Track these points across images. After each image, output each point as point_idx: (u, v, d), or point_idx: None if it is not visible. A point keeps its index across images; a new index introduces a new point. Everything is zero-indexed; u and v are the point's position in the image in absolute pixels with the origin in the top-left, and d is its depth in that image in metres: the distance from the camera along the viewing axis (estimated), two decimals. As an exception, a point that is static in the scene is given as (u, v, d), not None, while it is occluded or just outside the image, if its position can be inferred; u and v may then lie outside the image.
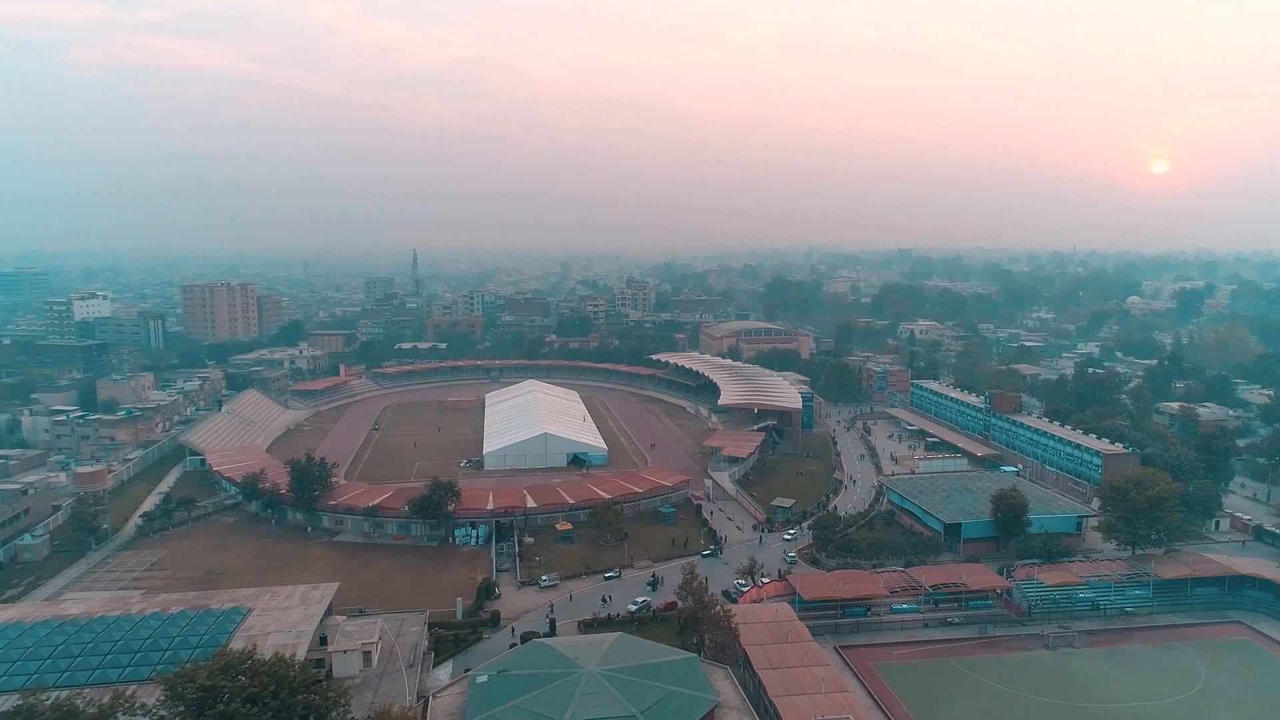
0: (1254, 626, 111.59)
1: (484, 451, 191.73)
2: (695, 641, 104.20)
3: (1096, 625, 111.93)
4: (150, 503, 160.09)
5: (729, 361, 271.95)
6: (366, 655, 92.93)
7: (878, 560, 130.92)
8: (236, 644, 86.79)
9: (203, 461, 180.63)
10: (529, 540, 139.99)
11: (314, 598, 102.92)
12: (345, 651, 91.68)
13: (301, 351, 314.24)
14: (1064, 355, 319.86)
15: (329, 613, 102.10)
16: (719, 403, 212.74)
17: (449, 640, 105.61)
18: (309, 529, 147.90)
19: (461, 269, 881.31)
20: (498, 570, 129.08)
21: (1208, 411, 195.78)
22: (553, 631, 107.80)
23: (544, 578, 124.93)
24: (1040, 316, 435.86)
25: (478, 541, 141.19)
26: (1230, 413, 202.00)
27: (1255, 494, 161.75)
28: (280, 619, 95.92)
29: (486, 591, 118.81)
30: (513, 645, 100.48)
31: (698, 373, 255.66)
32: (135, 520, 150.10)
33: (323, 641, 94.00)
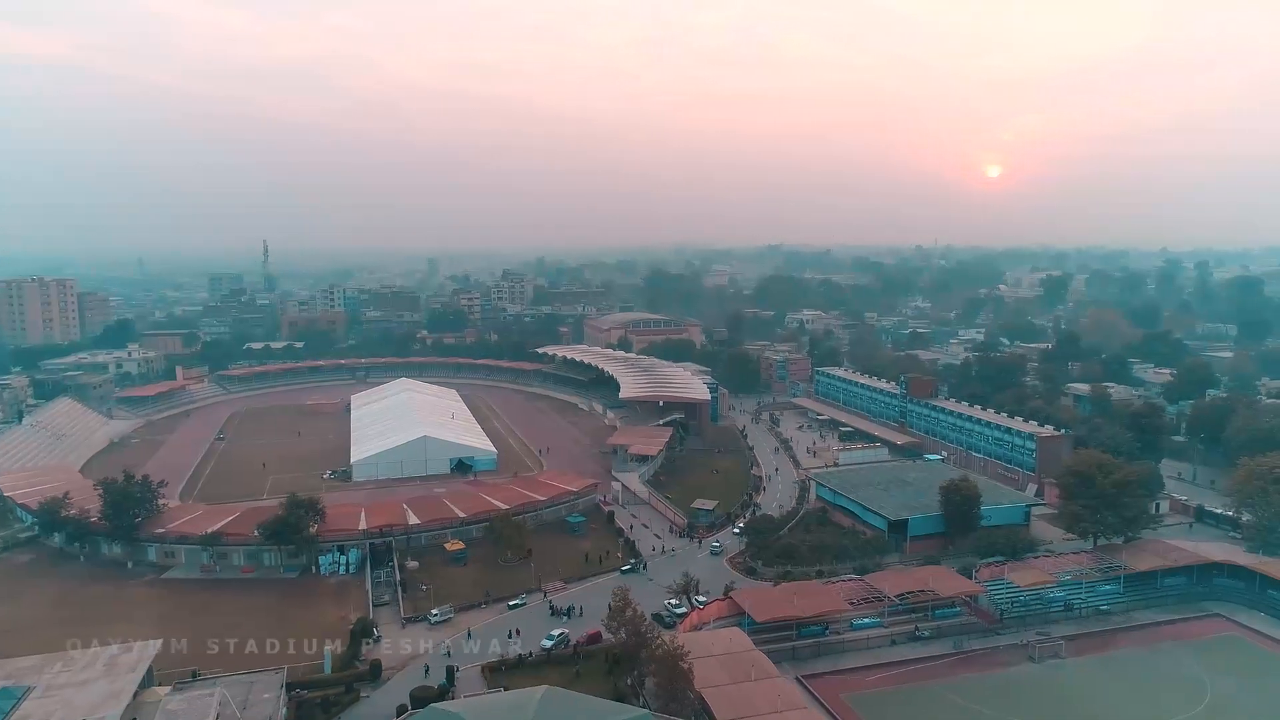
0: (1233, 619, 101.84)
1: (352, 460, 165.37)
2: (629, 683, 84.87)
3: (1075, 629, 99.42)
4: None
5: (622, 353, 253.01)
6: (199, 742, 68.24)
7: (821, 566, 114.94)
8: (-1, 748, 60.79)
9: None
10: (413, 564, 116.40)
11: (125, 664, 76.69)
12: (167, 742, 66.65)
13: (131, 354, 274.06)
14: (951, 341, 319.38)
15: (147, 683, 76.29)
16: (620, 396, 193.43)
17: (315, 705, 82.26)
18: (130, 565, 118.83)
19: (319, 267, 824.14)
20: (375, 605, 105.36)
21: (1117, 391, 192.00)
22: (450, 682, 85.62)
23: (434, 611, 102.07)
24: (918, 305, 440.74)
25: (348, 569, 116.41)
26: (1134, 392, 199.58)
27: (1180, 473, 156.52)
28: (73, 700, 69.74)
29: (363, 633, 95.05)
30: (402, 710, 77.77)
31: (590, 366, 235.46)
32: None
33: (134, 729, 68.53)
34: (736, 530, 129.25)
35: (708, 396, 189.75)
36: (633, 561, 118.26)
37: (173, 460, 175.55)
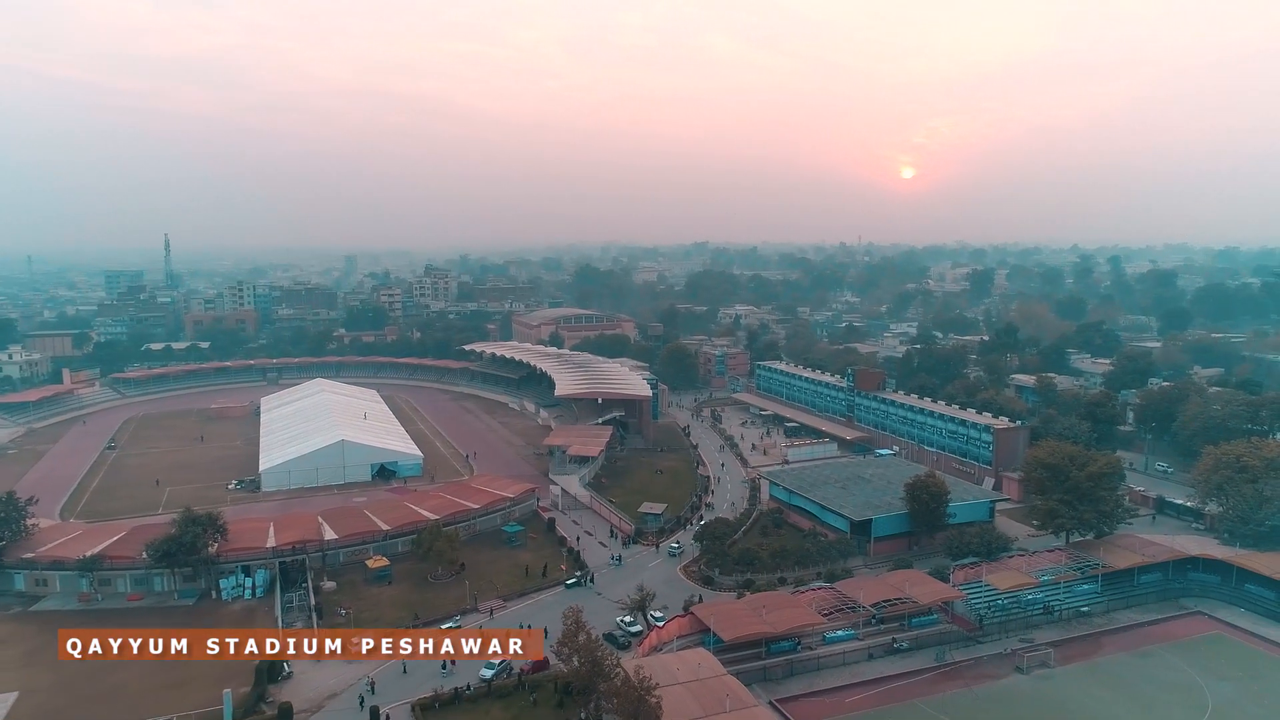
0: (1214, 615, 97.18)
1: (260, 468, 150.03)
2: (584, 718, 74.41)
3: (1057, 634, 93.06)
4: None
5: (555, 349, 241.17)
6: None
7: (784, 573, 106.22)
8: None
9: None
10: (329, 585, 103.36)
11: (-33, 727, 62.49)
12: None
13: (11, 356, 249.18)
14: (885, 334, 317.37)
15: (-5, 749, 62.24)
16: (556, 394, 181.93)
17: (211, 762, 68.91)
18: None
19: (228, 265, 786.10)
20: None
21: (1061, 381, 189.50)
22: (376, 726, 73.55)
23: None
24: (848, 300, 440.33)
25: (254, 593, 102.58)
26: (1077, 382, 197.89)
27: (1131, 463, 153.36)
28: (-108, 779, 55.49)
29: (270, 670, 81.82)
30: (317, 767, 65.57)
31: (522, 363, 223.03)
32: None
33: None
34: (697, 530, 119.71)
35: (649, 393, 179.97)
36: (579, 574, 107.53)
37: (55, 472, 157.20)
